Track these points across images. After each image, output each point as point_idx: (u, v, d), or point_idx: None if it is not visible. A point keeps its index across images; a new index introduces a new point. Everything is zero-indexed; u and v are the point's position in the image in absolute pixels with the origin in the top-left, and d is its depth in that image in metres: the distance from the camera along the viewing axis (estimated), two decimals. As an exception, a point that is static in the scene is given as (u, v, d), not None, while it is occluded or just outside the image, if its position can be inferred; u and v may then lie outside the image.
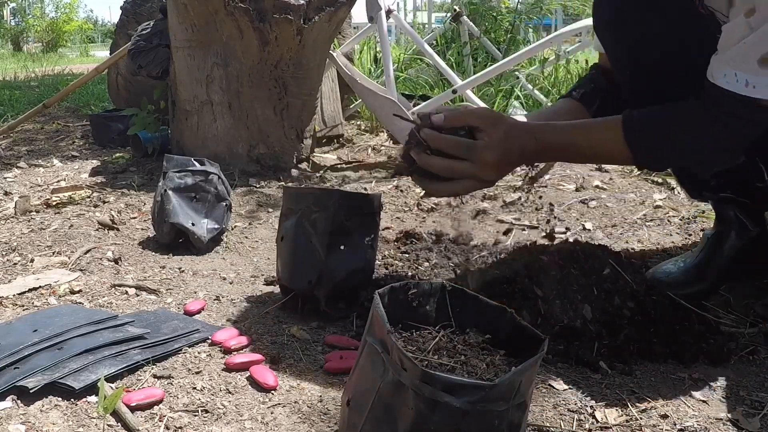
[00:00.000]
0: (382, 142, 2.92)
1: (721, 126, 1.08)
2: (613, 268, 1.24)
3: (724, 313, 1.20)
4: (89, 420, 0.88)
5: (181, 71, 2.27)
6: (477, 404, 0.67)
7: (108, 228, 1.68)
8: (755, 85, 1.02)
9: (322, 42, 2.28)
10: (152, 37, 2.39)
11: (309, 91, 2.32)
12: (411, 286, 0.84)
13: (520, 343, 0.78)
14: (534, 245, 1.55)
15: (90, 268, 1.42)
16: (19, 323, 1.10)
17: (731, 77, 1.04)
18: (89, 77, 3.02)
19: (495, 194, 2.02)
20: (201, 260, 1.50)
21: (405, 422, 0.70)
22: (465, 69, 3.53)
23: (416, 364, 0.68)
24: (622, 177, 2.20)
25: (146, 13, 3.12)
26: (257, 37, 2.13)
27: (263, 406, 0.92)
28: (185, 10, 2.15)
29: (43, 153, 2.71)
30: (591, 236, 1.65)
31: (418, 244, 1.53)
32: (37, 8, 15.82)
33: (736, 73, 1.04)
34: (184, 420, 0.88)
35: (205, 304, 1.25)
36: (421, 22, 6.51)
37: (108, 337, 1.05)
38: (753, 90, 1.02)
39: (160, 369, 1.01)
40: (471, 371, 0.74)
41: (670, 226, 1.72)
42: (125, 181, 2.15)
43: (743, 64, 1.03)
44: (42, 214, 1.80)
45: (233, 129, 2.25)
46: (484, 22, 4.15)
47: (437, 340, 0.78)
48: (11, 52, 12.69)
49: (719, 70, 1.06)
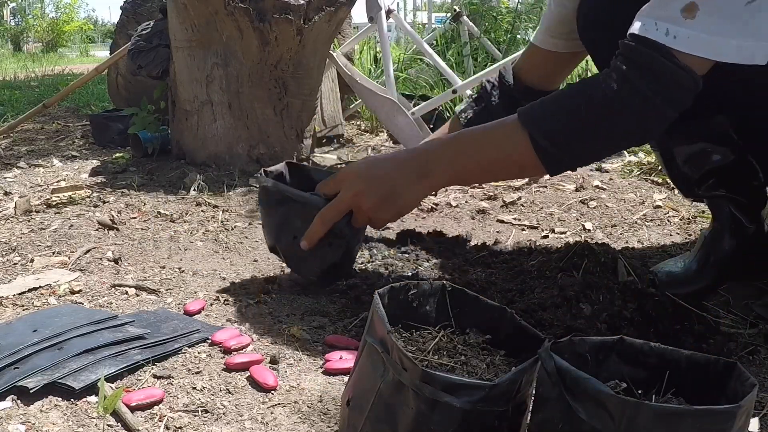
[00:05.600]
0: (382, 142, 2.92)
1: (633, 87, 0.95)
2: (613, 268, 1.24)
3: (724, 313, 1.20)
4: (89, 420, 0.88)
5: (181, 71, 2.27)
6: (477, 404, 0.67)
7: (108, 228, 1.68)
8: (675, 35, 0.92)
9: (322, 42, 2.28)
10: (152, 37, 2.39)
11: (309, 91, 2.32)
12: (411, 286, 0.84)
13: (520, 343, 0.78)
14: (534, 245, 1.55)
15: (90, 268, 1.42)
16: (19, 323, 1.10)
17: (650, 25, 0.94)
18: (89, 77, 3.02)
19: (495, 194, 2.02)
20: (201, 260, 1.50)
21: (405, 422, 0.70)
22: (465, 69, 3.53)
23: (416, 364, 0.68)
24: (622, 177, 2.20)
25: (146, 13, 3.12)
26: (257, 37, 2.13)
27: (263, 406, 0.92)
28: (185, 10, 2.15)
29: (43, 153, 2.71)
30: (591, 236, 1.65)
31: (418, 244, 1.54)
32: (37, 8, 15.83)
33: (656, 21, 0.94)
34: (184, 420, 0.88)
35: (205, 304, 1.25)
36: (421, 22, 6.51)
37: (108, 337, 1.05)
38: (673, 40, 0.92)
39: (160, 369, 1.01)
40: (471, 371, 0.74)
41: (670, 226, 1.72)
42: (125, 181, 2.15)
43: (664, 10, 0.93)
44: (42, 214, 1.80)
45: (233, 129, 2.25)
46: (484, 22, 4.15)
47: (437, 340, 0.78)
48: (11, 52, 12.69)
49: (637, 22, 0.97)
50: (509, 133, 1.08)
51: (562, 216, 1.83)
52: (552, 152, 1.05)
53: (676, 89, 0.96)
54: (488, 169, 1.15)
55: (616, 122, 1.00)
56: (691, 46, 0.92)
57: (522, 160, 1.08)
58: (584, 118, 1.02)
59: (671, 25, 0.92)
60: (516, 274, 1.27)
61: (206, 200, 1.94)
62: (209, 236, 1.66)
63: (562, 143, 1.04)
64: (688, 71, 0.94)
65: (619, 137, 1.04)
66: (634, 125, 1.00)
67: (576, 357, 0.71)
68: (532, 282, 1.19)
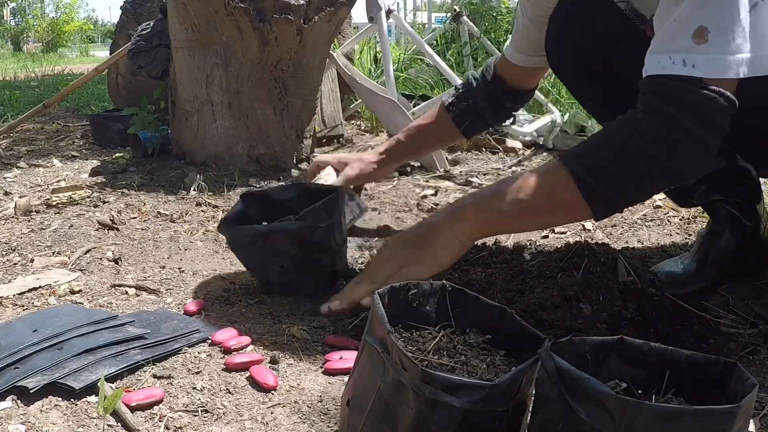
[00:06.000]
0: (382, 142, 2.92)
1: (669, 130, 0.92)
2: (613, 268, 1.24)
3: (724, 313, 1.20)
4: (89, 420, 0.88)
5: (181, 71, 2.27)
6: (477, 404, 0.67)
7: (108, 228, 1.68)
8: (694, 63, 0.89)
9: (322, 42, 2.28)
10: (152, 37, 2.39)
11: (309, 91, 2.32)
12: (411, 286, 0.83)
13: (520, 343, 0.78)
14: (534, 245, 1.55)
15: (90, 268, 1.42)
16: (19, 323, 1.10)
17: (665, 62, 0.92)
18: (89, 77, 3.02)
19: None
20: (201, 260, 1.50)
21: (405, 422, 0.70)
22: (465, 69, 3.53)
23: (416, 364, 0.68)
24: (622, 177, 2.20)
25: (146, 13, 3.12)
26: (257, 37, 2.13)
27: (263, 406, 0.92)
28: (185, 10, 2.15)
29: (43, 153, 2.71)
30: (591, 236, 1.65)
31: (418, 244, 1.53)
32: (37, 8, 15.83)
33: (670, 56, 0.91)
34: (184, 420, 0.88)
35: (205, 304, 1.25)
36: (421, 22, 6.51)
37: (108, 337, 1.05)
38: (693, 69, 0.89)
39: (160, 369, 1.01)
40: (471, 371, 0.74)
41: (670, 226, 1.72)
42: (125, 181, 2.15)
43: (674, 43, 0.91)
44: (42, 214, 1.80)
45: (233, 129, 2.25)
46: (484, 22, 4.15)
47: (437, 340, 0.78)
48: (11, 52, 12.69)
49: (651, 61, 0.94)
50: (556, 176, 1.01)
51: (562, 216, 1.83)
52: (594, 186, 0.98)
53: (714, 114, 0.92)
54: (533, 211, 1.05)
55: (657, 154, 0.95)
56: (713, 70, 0.89)
57: (570, 201, 1.00)
58: (626, 151, 0.97)
59: (687, 55, 0.90)
60: (516, 274, 1.26)
61: (206, 200, 1.94)
62: (209, 236, 1.66)
63: (604, 176, 0.98)
64: (720, 94, 0.91)
65: (663, 170, 0.98)
66: (676, 158, 0.95)
67: (576, 357, 0.71)
68: (532, 282, 1.19)
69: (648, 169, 0.97)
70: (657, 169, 0.97)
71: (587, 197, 0.99)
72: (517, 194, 1.03)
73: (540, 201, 1.04)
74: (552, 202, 1.04)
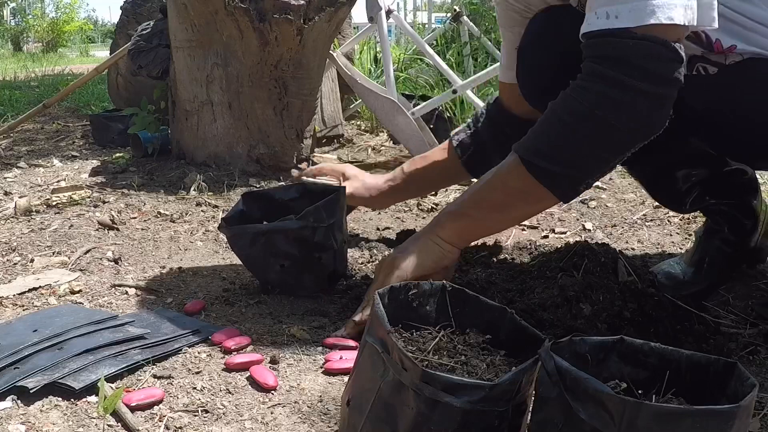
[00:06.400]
0: (382, 142, 2.92)
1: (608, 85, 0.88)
2: (613, 268, 1.24)
3: (724, 313, 1.20)
4: (89, 420, 0.88)
5: (181, 71, 2.27)
6: (477, 404, 0.67)
7: (108, 228, 1.68)
8: (617, 14, 0.87)
9: (322, 42, 2.28)
10: (152, 37, 2.39)
11: (309, 91, 2.31)
12: (411, 286, 0.84)
13: (520, 343, 0.78)
14: (534, 245, 1.55)
15: (90, 268, 1.42)
16: (19, 323, 1.10)
17: (592, 18, 0.90)
18: (89, 77, 3.02)
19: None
20: (201, 260, 1.50)
21: (405, 422, 0.70)
22: (465, 69, 3.53)
23: (416, 364, 0.68)
24: (622, 177, 2.20)
25: (146, 13, 3.12)
26: (257, 37, 2.13)
27: (263, 406, 0.92)
28: (185, 10, 2.15)
29: (43, 153, 2.71)
30: (591, 236, 1.65)
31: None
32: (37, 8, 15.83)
33: (595, 11, 0.89)
34: (184, 420, 0.88)
35: (205, 304, 1.25)
36: (421, 22, 6.52)
37: (108, 337, 1.05)
38: (616, 20, 0.87)
39: (160, 369, 1.01)
40: (471, 371, 0.74)
41: (670, 226, 1.72)
42: (125, 181, 2.15)
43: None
44: (42, 214, 1.80)
45: (233, 129, 2.25)
46: (484, 22, 4.16)
47: (437, 340, 0.78)
48: (11, 52, 12.69)
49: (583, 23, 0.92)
50: (508, 167, 1.01)
51: (562, 216, 1.83)
52: (549, 169, 0.96)
53: (647, 63, 0.88)
54: (498, 208, 1.05)
55: (603, 122, 0.91)
56: (636, 17, 0.85)
57: (525, 187, 0.99)
58: (570, 127, 0.94)
59: (609, 8, 0.87)
60: (516, 274, 1.26)
61: (206, 200, 1.94)
62: (209, 236, 1.66)
63: (556, 158, 0.96)
64: (653, 40, 0.86)
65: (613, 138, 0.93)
66: (626, 118, 0.91)
67: (576, 357, 0.71)
68: (532, 282, 1.19)
69: (594, 136, 0.93)
70: (603, 134, 0.93)
71: (542, 180, 0.97)
72: (481, 195, 1.04)
73: (500, 196, 1.04)
74: (510, 193, 1.02)
